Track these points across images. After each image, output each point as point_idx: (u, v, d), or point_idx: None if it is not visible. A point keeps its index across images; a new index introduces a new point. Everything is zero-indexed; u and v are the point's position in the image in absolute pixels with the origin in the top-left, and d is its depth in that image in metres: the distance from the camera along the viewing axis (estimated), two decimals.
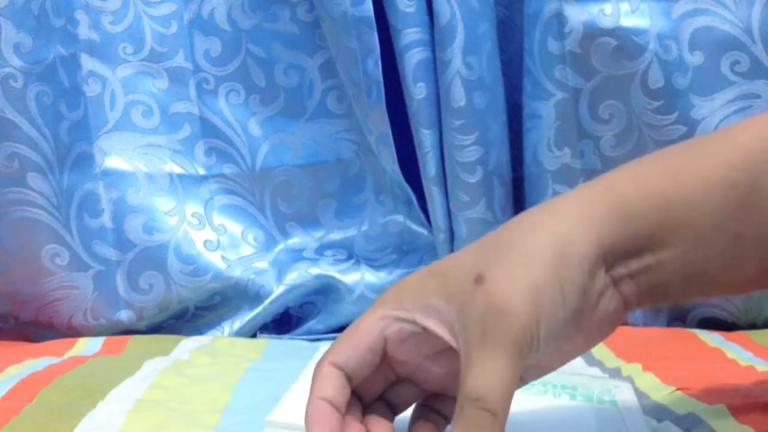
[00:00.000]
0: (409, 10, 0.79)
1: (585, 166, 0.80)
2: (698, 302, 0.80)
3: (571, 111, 0.79)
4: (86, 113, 0.83)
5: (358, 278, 0.87)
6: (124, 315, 0.84)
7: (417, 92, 0.80)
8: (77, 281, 0.83)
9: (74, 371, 0.62)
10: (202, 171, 0.87)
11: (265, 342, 0.80)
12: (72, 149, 0.82)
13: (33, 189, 0.81)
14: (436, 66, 0.80)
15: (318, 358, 0.44)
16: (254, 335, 0.86)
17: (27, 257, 0.82)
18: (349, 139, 0.87)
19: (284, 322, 0.88)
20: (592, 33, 0.76)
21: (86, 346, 0.77)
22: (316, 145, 0.87)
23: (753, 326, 0.79)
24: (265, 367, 0.66)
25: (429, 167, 0.82)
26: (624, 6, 0.75)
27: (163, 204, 0.85)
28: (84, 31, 0.83)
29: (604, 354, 0.67)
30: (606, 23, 0.76)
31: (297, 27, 0.85)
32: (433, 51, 0.80)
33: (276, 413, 0.49)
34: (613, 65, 0.76)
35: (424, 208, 0.86)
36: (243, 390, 0.59)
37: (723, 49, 0.75)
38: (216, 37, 0.85)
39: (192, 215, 0.86)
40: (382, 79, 0.80)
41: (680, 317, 0.81)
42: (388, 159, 0.84)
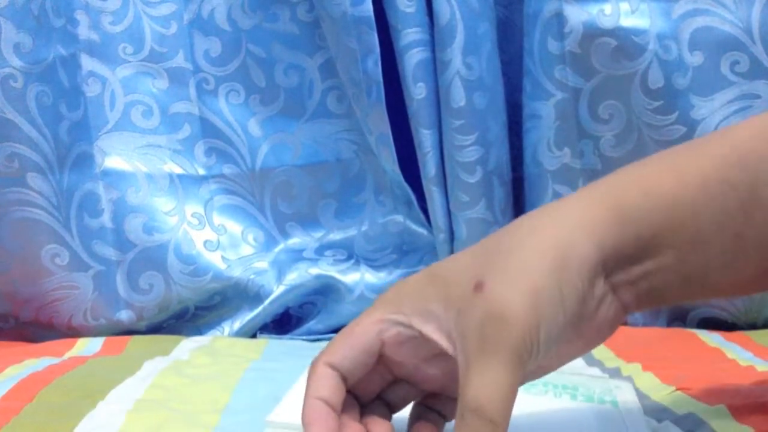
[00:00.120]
0: (409, 10, 0.79)
1: (585, 166, 0.80)
2: (698, 302, 0.80)
3: (571, 111, 0.79)
4: (86, 113, 0.83)
5: (358, 278, 0.87)
6: (124, 315, 0.84)
7: (417, 92, 0.80)
8: (77, 281, 0.83)
9: (74, 371, 0.62)
10: (202, 171, 0.87)
11: (265, 342, 0.80)
12: (72, 149, 0.82)
13: (33, 189, 0.81)
14: (436, 66, 0.80)
15: None
16: (254, 335, 0.86)
17: (27, 257, 0.82)
18: (349, 139, 0.87)
19: (284, 322, 0.88)
20: (592, 33, 0.76)
21: (86, 347, 0.77)
22: (316, 145, 0.87)
23: (753, 326, 0.79)
24: (265, 367, 0.66)
25: (429, 167, 0.82)
26: (624, 6, 0.75)
27: (163, 204, 0.85)
28: (84, 32, 0.83)
29: (604, 354, 0.67)
30: (606, 23, 0.76)
31: (297, 27, 0.85)
32: (433, 51, 0.80)
33: (276, 413, 0.49)
34: (613, 65, 0.76)
35: (424, 208, 0.86)
36: (243, 390, 0.59)
37: (723, 49, 0.75)
38: (216, 37, 0.85)
39: (192, 215, 0.86)
40: (382, 79, 0.80)
41: (680, 317, 0.81)
42: (388, 159, 0.84)
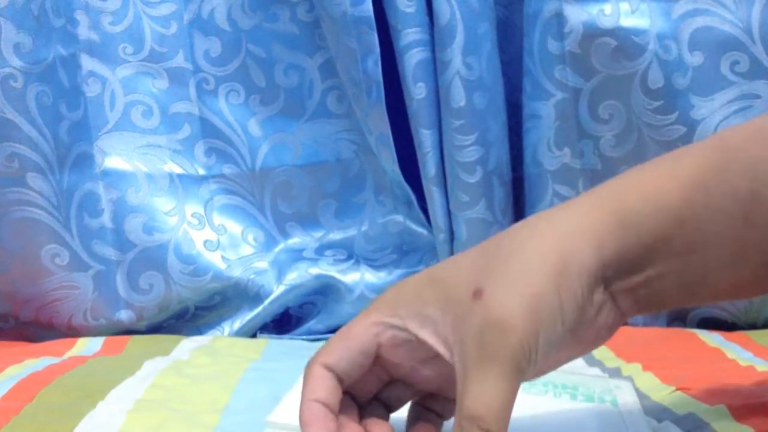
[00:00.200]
0: (409, 10, 0.79)
1: (585, 166, 0.80)
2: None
3: (571, 111, 0.79)
4: (86, 113, 0.83)
5: (358, 278, 0.87)
6: (124, 315, 0.84)
7: (417, 92, 0.80)
8: (77, 281, 0.83)
9: (74, 371, 0.62)
10: (202, 171, 0.87)
11: (265, 342, 0.80)
12: (72, 149, 0.82)
13: (33, 189, 0.81)
14: (436, 66, 0.80)
15: None
16: (254, 335, 0.86)
17: (27, 257, 0.82)
18: (349, 139, 0.87)
19: (284, 322, 0.88)
20: (592, 33, 0.76)
21: (86, 346, 0.77)
22: (316, 145, 0.87)
23: (753, 326, 0.78)
24: (265, 367, 0.66)
25: (429, 167, 0.82)
26: (624, 6, 0.75)
27: (163, 204, 0.85)
28: (84, 32, 0.83)
29: (604, 354, 0.67)
30: (606, 23, 0.76)
31: (297, 27, 0.85)
32: (433, 51, 0.80)
33: (276, 414, 0.49)
34: (613, 65, 0.76)
35: (424, 208, 0.86)
36: (243, 390, 0.59)
37: (723, 49, 0.75)
38: (216, 37, 0.85)
39: (192, 215, 0.86)
40: (382, 79, 0.80)
41: (680, 317, 0.81)
42: (388, 159, 0.83)
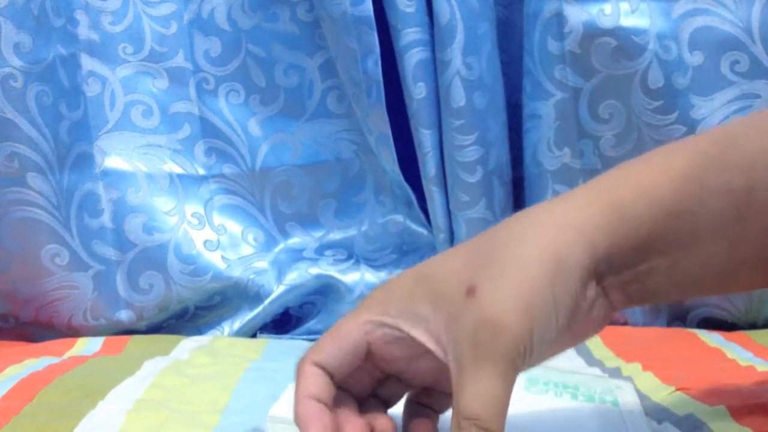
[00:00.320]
0: (409, 10, 0.79)
1: (585, 166, 0.80)
2: (698, 302, 0.80)
3: (571, 111, 0.79)
4: (86, 113, 0.83)
5: (358, 278, 0.87)
6: (124, 315, 0.84)
7: (417, 92, 0.80)
8: (77, 281, 0.83)
9: (74, 371, 0.62)
10: (202, 171, 0.87)
11: (265, 342, 0.80)
12: (72, 149, 0.82)
13: (33, 189, 0.81)
14: (436, 66, 0.80)
15: None
16: (254, 335, 0.86)
17: (27, 257, 0.82)
18: (349, 139, 0.87)
19: (284, 322, 0.88)
20: (592, 33, 0.76)
21: (86, 346, 0.77)
22: (316, 145, 0.87)
23: (753, 326, 0.78)
24: (265, 367, 0.66)
25: (429, 167, 0.82)
26: (624, 6, 0.75)
27: (163, 204, 0.85)
28: (84, 31, 0.83)
29: (604, 354, 0.67)
30: (606, 23, 0.76)
31: (297, 27, 0.85)
32: (433, 51, 0.80)
33: (277, 408, 0.49)
34: (613, 65, 0.76)
35: (424, 208, 0.86)
36: (243, 390, 0.59)
37: (723, 49, 0.75)
38: (216, 37, 0.85)
39: (192, 215, 0.86)
40: (382, 79, 0.80)
41: (680, 317, 0.81)
42: (388, 159, 0.84)
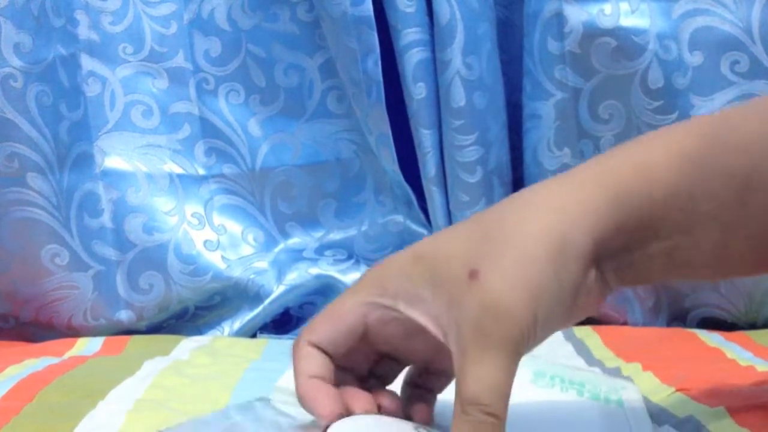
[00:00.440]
0: (409, 10, 0.79)
1: None
2: (698, 302, 0.80)
3: (571, 111, 0.79)
4: (86, 113, 0.83)
5: (358, 278, 0.87)
6: (124, 315, 0.84)
7: (417, 92, 0.80)
8: (77, 281, 0.83)
9: (74, 371, 0.62)
10: (202, 171, 0.87)
11: (265, 342, 0.80)
12: (72, 149, 0.82)
13: (33, 189, 0.81)
14: (436, 66, 0.80)
15: None
16: (254, 335, 0.86)
17: (27, 257, 0.82)
18: (349, 139, 0.87)
19: (284, 322, 0.88)
20: (592, 33, 0.76)
21: (86, 346, 0.77)
22: (316, 145, 0.87)
23: (753, 326, 0.78)
24: (265, 367, 0.66)
25: (429, 167, 0.82)
26: (624, 6, 0.75)
27: (163, 204, 0.85)
28: (84, 31, 0.83)
29: (604, 354, 0.67)
30: (606, 23, 0.76)
31: (297, 27, 0.85)
32: (433, 51, 0.80)
33: (284, 379, 0.49)
34: (613, 65, 0.76)
35: (424, 208, 0.86)
36: (243, 390, 0.59)
37: (723, 49, 0.74)
38: (216, 37, 0.85)
39: (192, 215, 0.86)
40: (382, 79, 0.80)
41: (680, 317, 0.81)
42: (388, 159, 0.83)
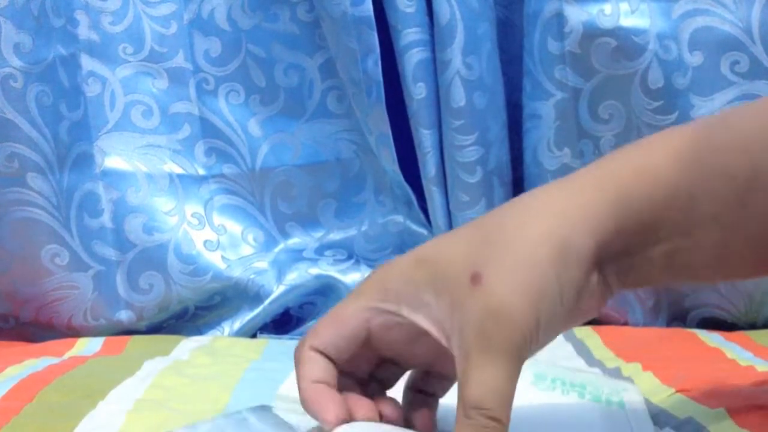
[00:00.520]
0: (409, 10, 0.79)
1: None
2: (698, 302, 0.80)
3: (571, 111, 0.79)
4: (86, 113, 0.83)
5: (358, 278, 0.87)
6: (124, 315, 0.84)
7: (417, 92, 0.80)
8: (77, 281, 0.83)
9: (74, 371, 0.63)
10: (202, 171, 0.87)
11: (265, 342, 0.80)
12: (72, 149, 0.82)
13: (33, 189, 0.81)
14: (436, 66, 0.80)
15: None
16: (254, 335, 0.86)
17: (27, 257, 0.82)
18: (349, 139, 0.87)
19: (284, 322, 0.88)
20: (592, 33, 0.76)
21: (86, 346, 0.77)
22: (316, 145, 0.87)
23: (753, 326, 0.78)
24: (265, 367, 0.66)
25: (429, 167, 0.82)
26: (624, 6, 0.75)
27: (163, 204, 0.85)
28: (84, 31, 0.83)
29: (604, 354, 0.67)
30: (606, 23, 0.76)
31: (297, 27, 0.85)
32: (433, 51, 0.80)
33: (286, 387, 0.49)
34: (613, 65, 0.76)
35: (424, 208, 0.86)
36: (243, 390, 0.59)
37: (723, 49, 0.74)
38: (216, 37, 0.85)
39: (192, 215, 0.86)
40: (382, 79, 0.80)
41: (680, 317, 0.81)
42: (388, 159, 0.84)
